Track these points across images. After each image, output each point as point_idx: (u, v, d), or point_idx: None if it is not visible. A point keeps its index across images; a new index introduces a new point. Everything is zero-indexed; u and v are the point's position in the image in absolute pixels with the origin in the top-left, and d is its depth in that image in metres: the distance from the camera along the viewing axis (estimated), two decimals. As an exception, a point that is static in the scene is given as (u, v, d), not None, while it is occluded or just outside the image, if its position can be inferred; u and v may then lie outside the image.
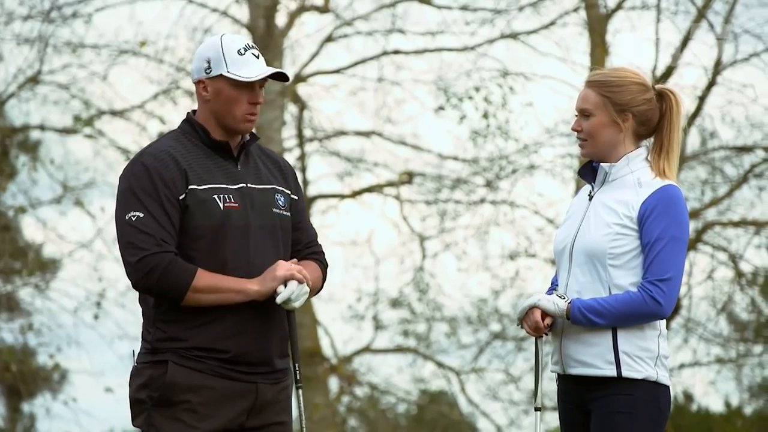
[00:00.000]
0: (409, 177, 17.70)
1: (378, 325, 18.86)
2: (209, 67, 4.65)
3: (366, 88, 17.47)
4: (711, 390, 19.60)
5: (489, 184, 17.46)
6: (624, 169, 4.72)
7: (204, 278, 4.52)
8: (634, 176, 4.72)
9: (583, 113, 4.73)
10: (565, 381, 4.77)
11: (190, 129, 4.72)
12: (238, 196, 4.64)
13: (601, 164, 4.75)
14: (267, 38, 16.73)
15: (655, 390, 4.68)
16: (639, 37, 17.66)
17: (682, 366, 19.18)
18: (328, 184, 19.63)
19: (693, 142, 17.70)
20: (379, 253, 18.93)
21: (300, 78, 17.35)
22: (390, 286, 18.68)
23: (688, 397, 25.04)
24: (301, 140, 17.58)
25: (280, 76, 4.69)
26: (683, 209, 4.70)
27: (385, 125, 17.54)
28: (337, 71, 17.45)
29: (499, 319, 18.50)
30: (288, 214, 4.76)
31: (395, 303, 18.76)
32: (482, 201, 17.69)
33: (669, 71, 17.03)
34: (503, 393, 18.73)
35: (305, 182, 17.77)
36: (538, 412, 4.79)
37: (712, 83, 16.93)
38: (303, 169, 17.70)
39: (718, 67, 16.86)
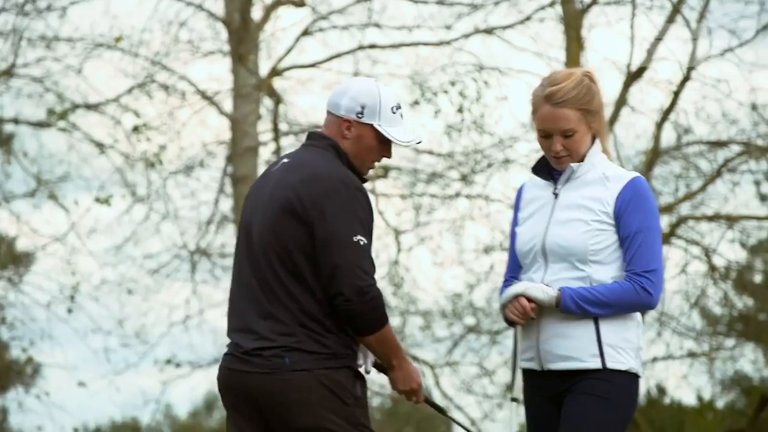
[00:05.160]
0: (384, 171, 17.71)
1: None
2: (362, 113, 4.85)
3: (342, 82, 17.43)
4: (683, 383, 19.69)
5: (464, 179, 17.49)
6: (587, 165, 4.72)
7: (390, 328, 4.79)
8: (598, 171, 4.72)
9: (566, 134, 4.70)
10: (541, 376, 4.74)
11: (341, 158, 4.88)
12: None
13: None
14: (242, 32, 16.70)
15: (632, 381, 4.70)
16: (614, 32, 17.70)
17: (655, 359, 19.25)
18: (304, 178, 19.61)
19: (668, 137, 17.79)
20: (354, 247, 18.87)
21: (275, 72, 17.32)
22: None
23: (661, 390, 25.17)
24: (277, 134, 17.55)
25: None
26: (653, 199, 4.74)
27: (360, 120, 17.50)
28: (312, 65, 17.43)
29: (474, 313, 18.54)
30: None
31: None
32: (457, 195, 17.72)
33: (643, 67, 17.11)
34: (477, 386, 18.78)
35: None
36: (515, 403, 4.75)
37: (686, 78, 17.00)
38: (278, 163, 17.67)
39: (692, 63, 16.94)
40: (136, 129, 16.77)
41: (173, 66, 17.06)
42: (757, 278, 21.24)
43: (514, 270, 4.85)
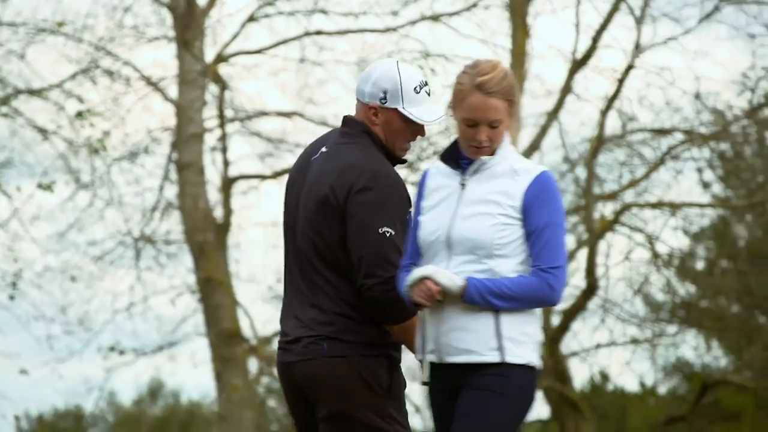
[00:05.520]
0: (330, 158, 17.65)
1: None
2: (385, 98, 4.89)
3: (288, 69, 17.41)
4: (626, 370, 19.83)
5: (410, 166, 17.49)
6: (497, 158, 4.68)
7: (416, 320, 4.78)
8: (507, 164, 4.67)
9: (493, 124, 4.64)
10: (440, 369, 4.67)
11: (375, 145, 4.92)
12: None
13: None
14: (188, 17, 16.60)
15: (530, 374, 4.64)
16: (559, 19, 17.78)
17: (598, 346, 19.39)
18: (250, 164, 19.57)
19: (612, 124, 17.90)
20: (300, 234, 18.84)
21: (221, 58, 17.23)
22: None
23: (604, 376, 25.36)
24: (222, 120, 17.47)
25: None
26: (560, 195, 4.71)
27: (306, 106, 17.50)
28: (258, 51, 17.36)
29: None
30: None
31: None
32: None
33: (589, 54, 17.20)
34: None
35: (226, 163, 17.68)
36: (426, 387, 4.66)
37: (630, 66, 17.11)
38: (224, 150, 17.61)
39: (637, 50, 17.04)
40: (79, 115, 16.64)
41: (118, 51, 16.95)
42: (699, 265, 21.45)
43: (414, 257, 4.76)
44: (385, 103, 4.89)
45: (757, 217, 19.76)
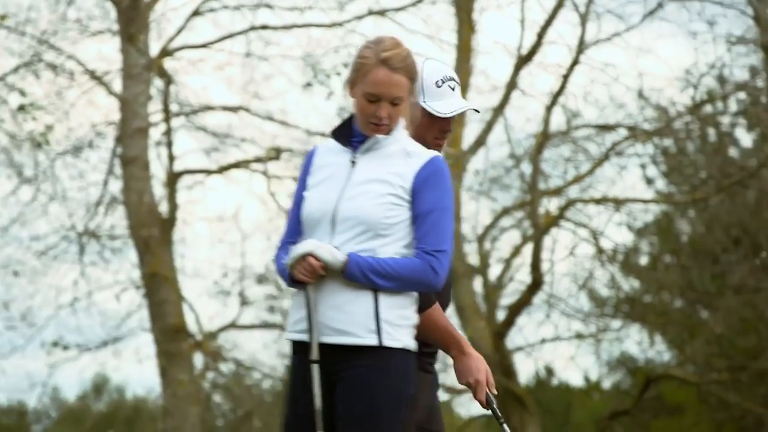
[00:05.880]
0: (276, 153, 17.63)
1: (244, 301, 18.80)
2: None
3: (233, 63, 17.35)
4: (571, 365, 19.94)
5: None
6: (391, 138, 4.63)
7: (437, 313, 4.74)
8: (401, 145, 4.63)
9: (395, 101, 4.59)
10: (310, 349, 4.55)
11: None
12: None
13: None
14: (132, 11, 16.49)
15: (408, 358, 4.57)
16: (505, 15, 17.85)
17: (543, 341, 19.49)
18: (195, 159, 19.49)
19: (557, 120, 17.99)
20: (246, 229, 18.87)
21: (166, 52, 17.14)
22: (256, 262, 18.65)
23: (549, 371, 25.49)
24: (168, 115, 17.38)
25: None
26: (450, 181, 4.68)
27: (252, 101, 17.45)
28: (204, 46, 17.29)
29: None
30: None
31: (261, 279, 18.72)
32: (349, 177, 17.70)
33: (534, 50, 17.26)
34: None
35: (171, 157, 17.59)
36: (315, 365, 4.51)
37: (575, 62, 17.19)
38: (169, 144, 17.52)
39: (581, 46, 17.13)
40: (22, 108, 16.50)
41: (61, 45, 16.82)
42: (643, 260, 21.61)
43: (294, 235, 4.69)
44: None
45: (700, 213, 19.93)
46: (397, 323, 4.55)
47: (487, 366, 4.76)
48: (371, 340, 4.51)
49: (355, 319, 4.50)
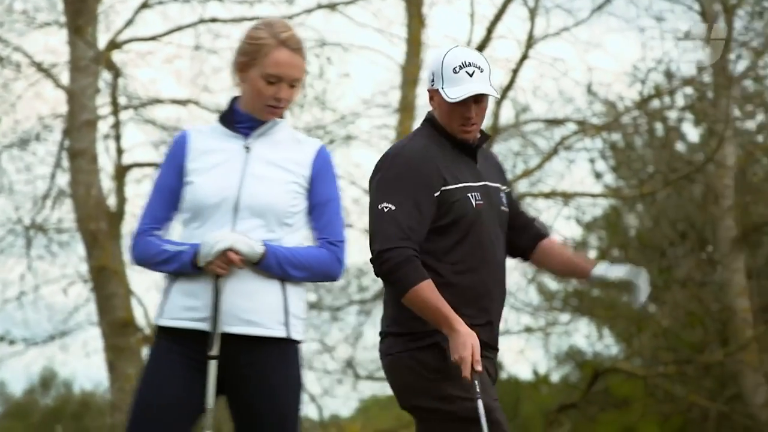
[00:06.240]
0: (225, 146, 17.56)
1: (193, 295, 18.72)
2: (432, 81, 4.98)
3: (182, 56, 17.27)
4: (520, 358, 20.03)
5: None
6: (282, 123, 4.60)
7: (425, 292, 4.68)
8: (289, 131, 4.62)
9: (293, 83, 4.53)
10: (210, 337, 4.39)
11: (434, 128, 4.95)
12: (483, 194, 4.88)
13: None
14: (79, 3, 16.36)
15: (299, 349, 4.55)
16: (455, 9, 17.88)
17: (493, 334, 19.54)
18: (144, 152, 19.39)
19: (506, 114, 18.03)
20: (194, 223, 18.70)
21: (114, 44, 17.03)
22: (206, 255, 18.55)
23: (498, 365, 25.59)
24: (116, 108, 17.27)
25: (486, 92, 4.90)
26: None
27: (201, 94, 17.37)
28: (152, 38, 17.19)
29: (315, 289, 18.56)
30: (507, 209, 5.05)
31: (211, 272, 18.63)
32: (299, 171, 17.68)
33: (483, 44, 17.30)
34: (318, 362, 18.83)
35: (119, 150, 17.48)
36: (213, 362, 4.39)
37: (524, 57, 17.25)
38: (117, 138, 17.41)
39: (530, 41, 17.19)
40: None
41: (8, 37, 16.67)
42: (592, 254, 21.71)
43: (158, 222, 4.57)
44: (433, 85, 4.97)
45: (647, 207, 20.06)
46: (300, 316, 4.51)
47: (477, 342, 4.73)
48: (280, 333, 4.45)
49: (266, 309, 4.43)
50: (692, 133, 19.95)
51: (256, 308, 4.43)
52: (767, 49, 17.25)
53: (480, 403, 4.74)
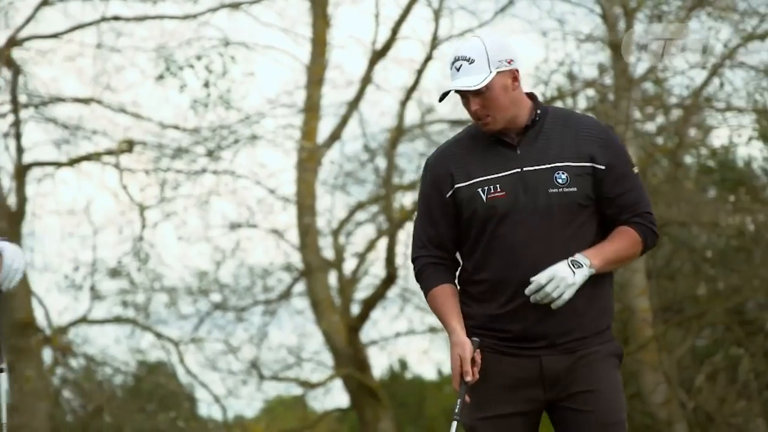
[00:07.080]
0: (128, 146, 17.42)
1: (96, 296, 18.53)
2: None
3: (84, 54, 17.09)
4: (425, 358, 20.12)
5: (210, 154, 17.39)
6: None
7: (435, 300, 4.77)
8: None
9: None
10: None
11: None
12: (509, 183, 4.70)
13: None
14: (-21, -1, 16.14)
15: None
16: (360, 9, 17.92)
17: (398, 335, 19.61)
18: (45, 151, 19.14)
19: (411, 115, 18.11)
20: (98, 223, 18.57)
21: (14, 42, 16.80)
22: (108, 255, 18.39)
23: (403, 365, 25.66)
24: (16, 106, 17.04)
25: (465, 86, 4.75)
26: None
27: (104, 92, 17.21)
28: (54, 36, 16.99)
29: (220, 290, 18.48)
30: (573, 189, 4.74)
31: (114, 273, 18.47)
32: (203, 171, 17.61)
33: (388, 45, 17.36)
34: (222, 363, 18.75)
35: (20, 149, 17.24)
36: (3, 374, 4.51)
37: (429, 57, 17.35)
38: (18, 136, 17.17)
39: (435, 42, 17.29)
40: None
41: None
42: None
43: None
44: None
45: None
46: None
47: (467, 352, 4.70)
48: None
49: None
50: (594, 134, 20.15)
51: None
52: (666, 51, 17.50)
53: (453, 426, 4.80)
